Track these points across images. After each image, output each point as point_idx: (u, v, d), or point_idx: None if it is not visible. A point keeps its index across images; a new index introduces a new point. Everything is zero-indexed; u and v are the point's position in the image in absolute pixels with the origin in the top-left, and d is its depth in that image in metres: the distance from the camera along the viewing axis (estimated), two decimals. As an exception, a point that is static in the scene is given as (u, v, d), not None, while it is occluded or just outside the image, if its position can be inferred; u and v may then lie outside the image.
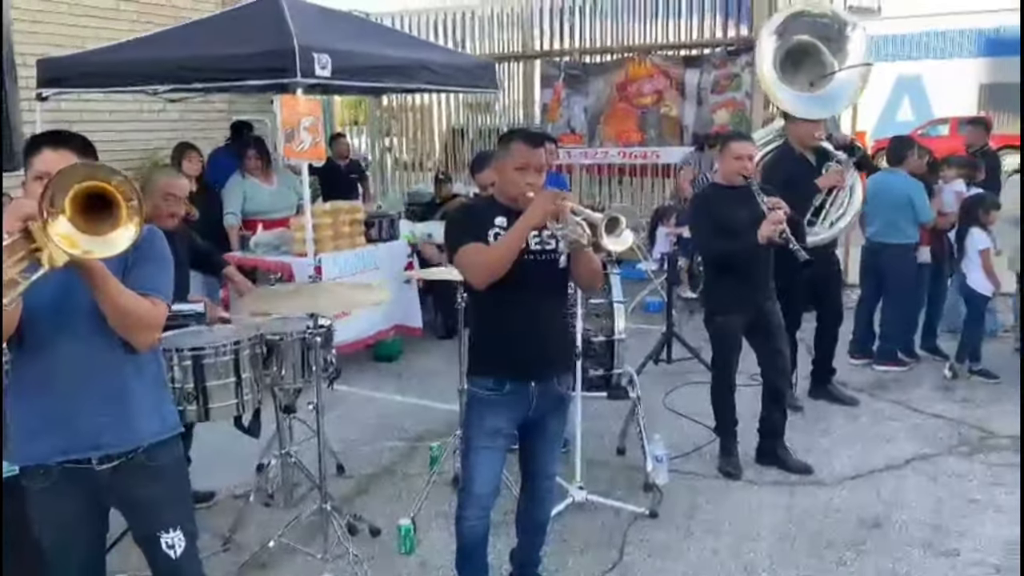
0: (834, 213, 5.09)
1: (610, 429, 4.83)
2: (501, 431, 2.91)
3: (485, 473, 2.92)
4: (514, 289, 2.74)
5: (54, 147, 2.18)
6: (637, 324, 7.17)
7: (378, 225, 6.59)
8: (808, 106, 5.22)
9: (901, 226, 5.75)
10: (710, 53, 9.50)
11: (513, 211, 2.80)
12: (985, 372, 5.80)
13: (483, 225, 2.81)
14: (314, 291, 3.79)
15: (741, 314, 4.28)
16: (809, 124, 5.10)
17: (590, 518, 3.92)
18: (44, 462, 2.21)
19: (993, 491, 4.17)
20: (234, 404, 3.42)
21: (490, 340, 2.91)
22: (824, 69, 5.25)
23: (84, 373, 2.19)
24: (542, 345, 2.88)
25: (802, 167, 5.08)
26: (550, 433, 3.03)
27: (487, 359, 2.91)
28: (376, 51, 6.24)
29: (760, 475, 4.39)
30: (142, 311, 2.15)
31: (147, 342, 2.23)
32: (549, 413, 2.98)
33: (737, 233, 4.09)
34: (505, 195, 2.86)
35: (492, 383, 2.87)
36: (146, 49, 6.06)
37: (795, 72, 5.34)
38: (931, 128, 21.57)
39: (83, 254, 1.90)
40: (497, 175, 2.91)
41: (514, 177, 2.79)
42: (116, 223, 1.91)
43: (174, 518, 2.36)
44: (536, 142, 2.85)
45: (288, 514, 3.86)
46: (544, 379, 2.91)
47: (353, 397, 5.68)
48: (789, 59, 5.38)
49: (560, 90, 10.28)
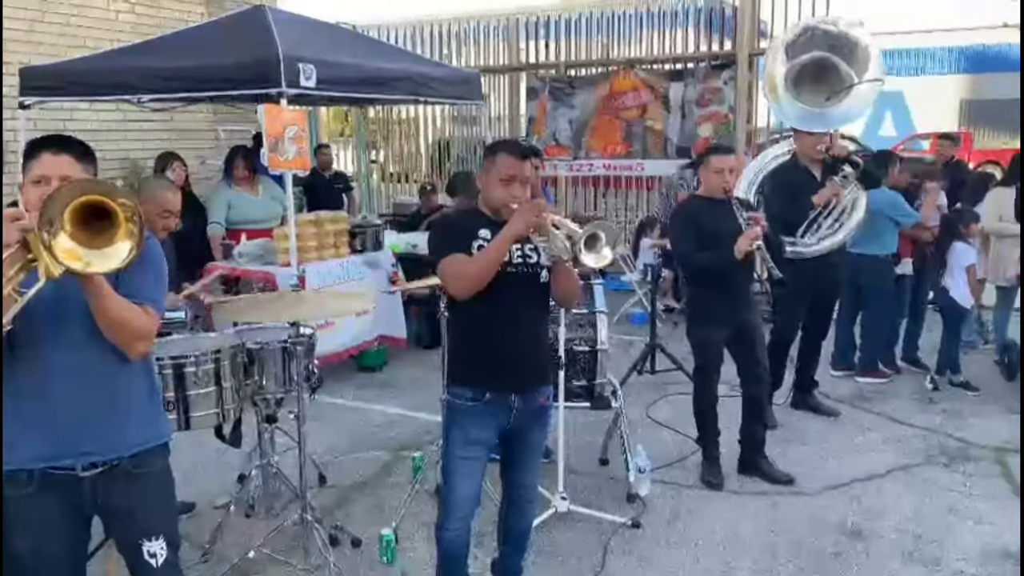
0: (827, 227, 5.10)
1: (593, 439, 4.83)
2: (481, 441, 2.91)
3: (465, 483, 2.91)
4: (496, 302, 2.75)
5: (54, 152, 2.17)
6: (621, 335, 7.21)
7: (363, 235, 6.58)
8: (810, 121, 5.22)
9: (877, 237, 5.80)
10: (694, 67, 9.58)
11: (497, 223, 2.80)
12: (966, 384, 5.85)
13: (467, 236, 2.81)
14: (295, 299, 3.78)
15: (722, 326, 4.31)
16: (812, 137, 5.12)
17: (572, 528, 3.92)
18: (27, 467, 2.18)
19: (973, 501, 4.20)
20: (215, 413, 3.41)
21: (471, 351, 2.90)
22: (842, 83, 5.23)
23: (76, 380, 2.17)
24: (523, 357, 2.88)
25: (803, 178, 5.11)
26: (531, 443, 3.03)
27: (468, 370, 2.90)
28: (361, 62, 6.25)
29: (742, 485, 4.40)
30: (136, 321, 2.15)
31: (140, 351, 2.22)
32: (529, 423, 2.97)
33: (717, 245, 4.12)
34: (489, 206, 2.87)
35: (472, 393, 2.86)
36: (130, 58, 6.04)
37: (813, 86, 5.31)
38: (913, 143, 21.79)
39: (85, 267, 1.91)
40: (482, 186, 2.91)
41: (499, 189, 2.80)
42: (115, 235, 1.93)
43: (157, 526, 2.34)
44: (523, 154, 2.85)
45: (269, 524, 3.83)
46: (525, 390, 2.91)
47: (336, 407, 5.66)
48: (804, 74, 5.35)
49: (545, 102, 10.33)
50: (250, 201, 6.61)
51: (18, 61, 6.62)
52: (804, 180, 5.11)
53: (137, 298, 2.16)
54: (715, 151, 4.34)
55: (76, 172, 2.17)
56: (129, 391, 2.28)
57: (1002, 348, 6.24)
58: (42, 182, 2.13)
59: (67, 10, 8.41)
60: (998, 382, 6.02)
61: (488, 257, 2.70)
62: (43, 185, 2.12)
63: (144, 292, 2.19)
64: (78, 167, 2.18)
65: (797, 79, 5.34)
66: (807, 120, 5.21)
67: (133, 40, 7.23)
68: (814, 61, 5.33)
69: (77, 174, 2.16)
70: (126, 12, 8.94)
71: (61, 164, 2.15)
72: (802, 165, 5.19)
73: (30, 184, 2.16)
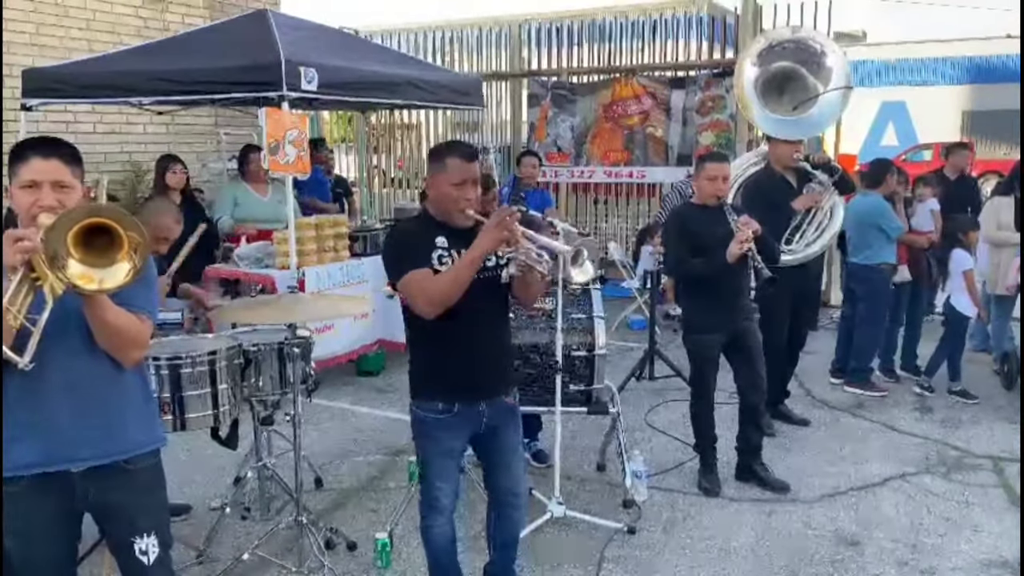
0: (811, 233, 5.13)
1: (590, 445, 4.83)
2: (455, 449, 2.91)
3: (444, 481, 2.91)
4: (457, 311, 2.68)
5: (43, 156, 2.13)
6: (622, 342, 7.22)
7: (363, 239, 6.59)
8: (786, 128, 5.30)
9: (870, 247, 5.82)
10: (696, 75, 9.60)
11: (450, 228, 2.77)
12: (964, 392, 5.84)
13: (424, 248, 2.75)
14: (292, 301, 3.78)
15: (718, 332, 4.31)
16: (787, 145, 5.16)
17: (568, 534, 3.91)
18: (21, 473, 2.17)
19: (970, 510, 4.19)
20: (211, 415, 3.39)
21: (437, 365, 2.85)
22: (808, 92, 5.32)
23: (71, 389, 2.17)
24: (489, 366, 2.88)
25: (780, 187, 5.14)
26: (507, 444, 2.99)
27: (434, 384, 2.86)
28: (362, 66, 6.27)
29: (739, 492, 4.39)
30: (132, 328, 2.16)
31: (135, 358, 2.24)
32: (501, 425, 2.95)
33: (708, 253, 4.14)
34: (441, 211, 2.81)
35: (442, 406, 2.84)
36: (133, 61, 6.06)
37: (780, 96, 5.41)
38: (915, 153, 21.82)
39: (99, 286, 1.95)
40: (431, 191, 2.84)
41: (451, 192, 2.74)
42: (118, 250, 1.96)
43: (149, 524, 2.33)
44: (471, 156, 2.80)
45: (264, 527, 3.83)
46: (492, 397, 2.90)
47: (334, 410, 5.66)
48: (773, 84, 5.45)
49: (547, 109, 10.35)
50: (257, 200, 6.59)
51: (23, 64, 6.63)
52: (782, 188, 5.15)
53: (131, 306, 2.16)
54: (709, 158, 4.35)
55: (66, 176, 2.15)
56: (123, 398, 2.28)
57: (1001, 357, 6.23)
58: (33, 187, 2.11)
59: (74, 14, 8.45)
60: (997, 391, 6.01)
61: (458, 278, 2.63)
62: (34, 190, 2.11)
63: (137, 300, 2.19)
64: (67, 171, 2.16)
65: (765, 89, 5.41)
66: (782, 127, 5.27)
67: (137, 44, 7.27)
68: (782, 72, 5.42)
69: (67, 178, 2.15)
70: (130, 16, 8.97)
71: (51, 168, 2.12)
72: (777, 173, 5.20)
73: (18, 188, 2.13)
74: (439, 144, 3.17)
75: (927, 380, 5.97)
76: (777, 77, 5.50)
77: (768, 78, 5.48)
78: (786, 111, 5.43)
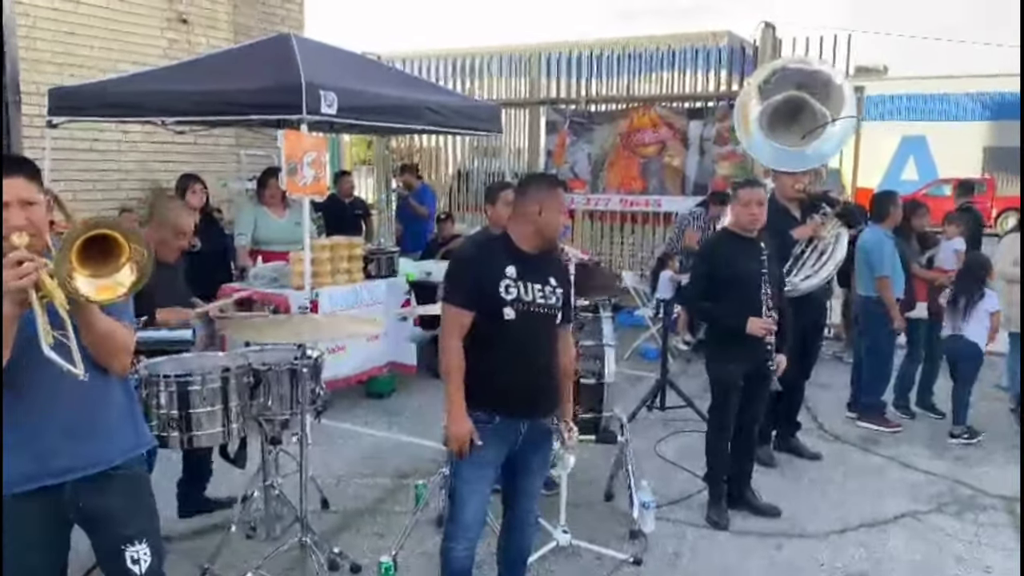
0: (811, 265, 5.10)
1: (598, 473, 4.79)
2: (490, 460, 2.96)
3: (474, 503, 2.96)
4: (516, 334, 2.87)
5: (9, 175, 2.10)
6: (634, 371, 7.18)
7: (377, 262, 6.62)
8: (785, 160, 5.27)
9: (868, 280, 5.80)
10: (713, 105, 9.65)
11: (523, 256, 2.92)
12: (970, 430, 5.75)
13: (492, 273, 2.88)
14: (301, 321, 3.80)
15: (742, 363, 4.28)
16: (788, 177, 5.16)
17: (573, 563, 3.88)
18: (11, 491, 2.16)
19: (981, 550, 4.12)
20: (219, 432, 3.41)
21: (487, 377, 2.92)
22: (816, 121, 5.30)
23: (57, 400, 2.17)
24: (536, 388, 2.98)
25: (783, 218, 5.12)
26: (533, 468, 3.09)
27: (482, 394, 2.93)
28: (382, 91, 6.35)
29: (747, 526, 4.34)
30: (119, 334, 2.19)
31: (124, 365, 2.26)
32: (534, 445, 3.04)
33: (729, 288, 4.16)
34: (545, 237, 2.96)
35: (483, 415, 2.92)
36: (157, 81, 6.18)
37: (789, 125, 5.39)
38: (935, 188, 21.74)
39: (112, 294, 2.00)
40: (535, 214, 2.94)
41: (558, 220, 2.95)
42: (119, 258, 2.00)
43: (140, 530, 2.31)
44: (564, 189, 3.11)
45: (269, 547, 3.82)
46: (534, 417, 3.00)
47: (343, 432, 5.66)
48: (779, 114, 5.43)
49: (565, 136, 10.42)
50: (274, 223, 6.66)
51: (50, 82, 6.77)
52: (784, 220, 5.12)
53: (115, 315, 2.19)
54: (744, 185, 4.37)
55: (31, 194, 2.12)
56: (109, 406, 2.29)
57: (1017, 396, 6.14)
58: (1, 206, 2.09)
59: (101, 34, 8.62)
60: (1012, 430, 5.93)
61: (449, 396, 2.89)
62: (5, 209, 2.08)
63: (115, 307, 2.20)
64: (32, 188, 2.14)
65: (772, 119, 5.40)
66: (783, 159, 5.27)
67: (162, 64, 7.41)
68: (788, 101, 5.40)
69: (32, 196, 2.12)
70: (157, 38, 9.15)
71: (17, 187, 2.10)
72: (781, 205, 5.19)
73: None
74: (546, 173, 3.46)
75: (963, 428, 5.77)
76: (785, 107, 5.47)
77: (775, 109, 5.46)
78: (793, 141, 5.40)
